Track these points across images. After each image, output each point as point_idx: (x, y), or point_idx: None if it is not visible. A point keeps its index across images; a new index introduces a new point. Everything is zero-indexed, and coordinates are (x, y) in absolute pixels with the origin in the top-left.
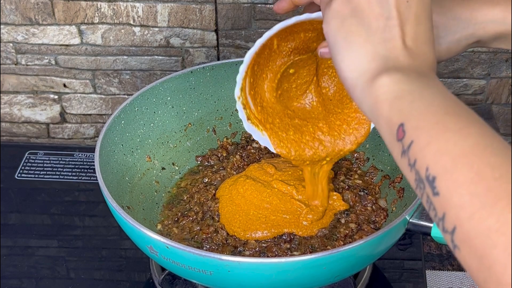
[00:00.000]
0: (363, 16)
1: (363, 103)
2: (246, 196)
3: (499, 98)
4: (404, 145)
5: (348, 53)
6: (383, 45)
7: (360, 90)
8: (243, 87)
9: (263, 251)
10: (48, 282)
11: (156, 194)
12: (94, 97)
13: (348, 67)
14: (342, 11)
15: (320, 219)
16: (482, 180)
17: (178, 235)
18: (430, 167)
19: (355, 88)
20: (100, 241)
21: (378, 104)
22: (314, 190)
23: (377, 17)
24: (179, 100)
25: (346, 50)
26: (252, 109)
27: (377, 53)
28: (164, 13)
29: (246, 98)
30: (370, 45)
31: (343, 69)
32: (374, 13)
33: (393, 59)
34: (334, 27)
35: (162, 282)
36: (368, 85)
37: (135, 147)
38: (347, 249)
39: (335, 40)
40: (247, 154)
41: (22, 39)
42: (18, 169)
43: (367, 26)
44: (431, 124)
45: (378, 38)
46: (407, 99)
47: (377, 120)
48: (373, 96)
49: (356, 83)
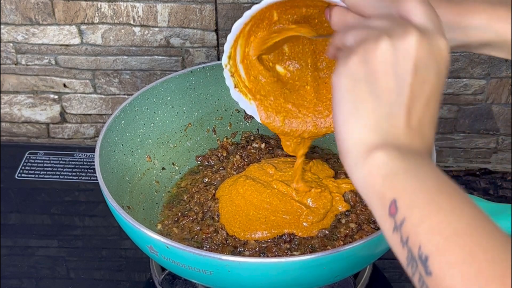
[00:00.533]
0: (376, 85)
1: (355, 172)
2: (246, 196)
3: (499, 98)
4: (396, 221)
5: (351, 118)
6: (388, 119)
7: (354, 158)
8: (232, 56)
9: (263, 251)
10: (48, 282)
11: (156, 194)
12: (94, 97)
13: (347, 132)
14: (357, 72)
15: (320, 220)
16: (474, 261)
17: (178, 235)
18: (423, 246)
19: (348, 154)
20: (100, 241)
21: (371, 177)
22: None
23: (390, 90)
24: (179, 100)
25: (350, 114)
26: (243, 78)
27: (379, 126)
28: (164, 13)
29: (236, 66)
30: (375, 116)
31: (342, 132)
32: (387, 86)
33: (394, 136)
34: (345, 86)
35: (162, 282)
36: (363, 156)
37: (135, 146)
38: (347, 249)
39: (341, 99)
40: (247, 154)
41: (22, 39)
42: (18, 169)
43: (377, 96)
44: (424, 203)
45: (384, 111)
46: (401, 177)
47: (367, 192)
48: (366, 168)
49: (351, 150)
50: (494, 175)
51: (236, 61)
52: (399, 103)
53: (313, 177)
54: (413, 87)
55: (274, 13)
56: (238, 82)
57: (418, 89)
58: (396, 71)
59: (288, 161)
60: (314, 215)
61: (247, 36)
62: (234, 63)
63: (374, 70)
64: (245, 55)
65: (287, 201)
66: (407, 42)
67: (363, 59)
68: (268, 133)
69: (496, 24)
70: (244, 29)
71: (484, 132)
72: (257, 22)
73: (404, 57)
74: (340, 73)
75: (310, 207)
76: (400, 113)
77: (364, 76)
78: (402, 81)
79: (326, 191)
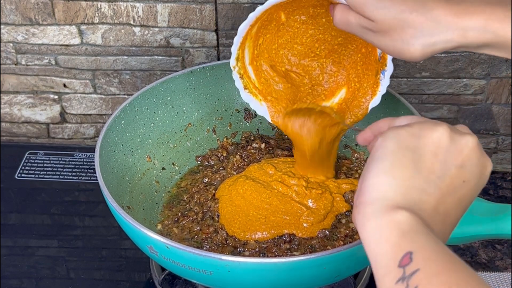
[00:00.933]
0: (421, 160)
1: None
2: (245, 196)
3: (499, 98)
4: (405, 271)
5: (385, 176)
6: (420, 193)
7: (374, 210)
8: (240, 58)
9: (263, 251)
10: (48, 282)
11: (156, 194)
12: (94, 97)
13: (376, 185)
14: (407, 141)
15: (321, 221)
16: None
17: (178, 235)
18: None
19: (369, 205)
20: (100, 241)
21: (388, 229)
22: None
23: (432, 171)
24: (179, 100)
25: (385, 172)
26: (253, 79)
27: (410, 195)
28: (164, 13)
29: (245, 68)
30: (409, 184)
31: (370, 184)
32: (431, 166)
33: (420, 209)
34: (390, 148)
35: (162, 282)
36: (385, 209)
37: (135, 147)
38: (347, 249)
39: (381, 156)
40: (247, 154)
41: (22, 39)
42: (18, 169)
43: (418, 169)
44: (442, 260)
45: (419, 184)
46: (422, 236)
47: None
48: (385, 220)
49: (374, 202)
50: (494, 175)
51: (245, 63)
52: (435, 186)
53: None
54: (454, 180)
55: (282, 14)
56: (247, 84)
57: (457, 184)
58: (445, 158)
59: (288, 160)
60: (314, 216)
61: (255, 38)
62: (243, 65)
63: (424, 146)
64: (254, 57)
65: (287, 201)
66: (464, 141)
67: (417, 134)
68: (268, 133)
69: (494, 25)
70: (251, 31)
71: (484, 132)
72: (265, 24)
73: (457, 150)
74: (389, 136)
75: (310, 208)
76: (433, 194)
77: (413, 148)
78: (447, 169)
79: (327, 192)
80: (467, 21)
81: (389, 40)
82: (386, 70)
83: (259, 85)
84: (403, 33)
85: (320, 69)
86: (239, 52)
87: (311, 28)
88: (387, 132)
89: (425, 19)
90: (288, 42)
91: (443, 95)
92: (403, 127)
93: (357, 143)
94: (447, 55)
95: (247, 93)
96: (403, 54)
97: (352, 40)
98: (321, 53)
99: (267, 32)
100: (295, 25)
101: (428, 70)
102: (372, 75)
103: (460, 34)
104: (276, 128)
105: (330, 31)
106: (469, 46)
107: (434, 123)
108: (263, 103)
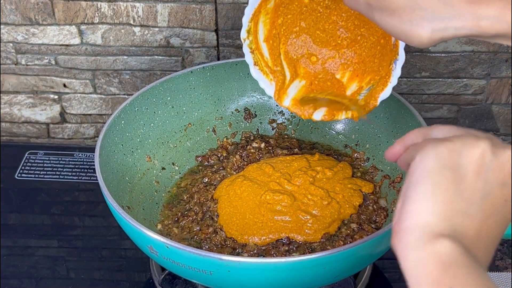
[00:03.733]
0: (463, 180)
1: (410, 253)
2: (243, 197)
3: (499, 98)
4: None
5: (425, 200)
6: (462, 217)
7: (414, 239)
8: (253, 31)
9: (261, 253)
10: (48, 282)
11: (156, 194)
12: (94, 97)
13: (415, 211)
14: (448, 159)
15: (327, 228)
16: None
17: (178, 235)
18: None
19: (407, 233)
20: (100, 241)
21: (429, 263)
22: None
23: (475, 191)
24: (179, 100)
25: (425, 196)
26: (266, 58)
27: (452, 220)
28: (164, 13)
29: (258, 43)
30: (451, 208)
31: (408, 210)
32: (474, 186)
33: (462, 235)
34: (430, 168)
35: (162, 282)
36: (426, 239)
37: (135, 147)
38: (347, 249)
39: (421, 178)
40: (247, 153)
41: (22, 39)
42: (18, 169)
43: (460, 190)
44: None
45: (462, 207)
46: (464, 270)
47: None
48: (427, 252)
49: (413, 230)
50: None
51: (258, 39)
52: (478, 208)
53: (320, 190)
54: (497, 200)
55: None
56: (259, 60)
57: (500, 204)
58: (487, 177)
59: (287, 159)
60: (319, 223)
61: (274, 15)
62: (256, 41)
63: (466, 165)
64: (271, 35)
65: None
66: (507, 155)
67: (459, 150)
68: (268, 133)
69: (509, 15)
70: (265, 4)
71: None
72: (286, 2)
73: (499, 167)
74: (428, 154)
75: (315, 216)
76: (476, 217)
77: (454, 166)
78: (490, 188)
79: (334, 201)
80: (483, 9)
81: (397, 22)
82: (398, 59)
83: (273, 65)
84: (413, 14)
85: (339, 58)
86: (250, 25)
87: (334, 14)
88: (425, 149)
89: (437, 2)
90: (310, 27)
91: (443, 95)
92: (442, 143)
93: (357, 142)
94: (447, 55)
95: (257, 70)
96: (410, 37)
97: (374, 32)
98: (342, 43)
99: (288, 12)
100: (318, 8)
101: (428, 70)
102: (386, 66)
103: (474, 22)
104: (276, 128)
105: (353, 20)
106: (483, 36)
107: (476, 137)
108: (273, 83)
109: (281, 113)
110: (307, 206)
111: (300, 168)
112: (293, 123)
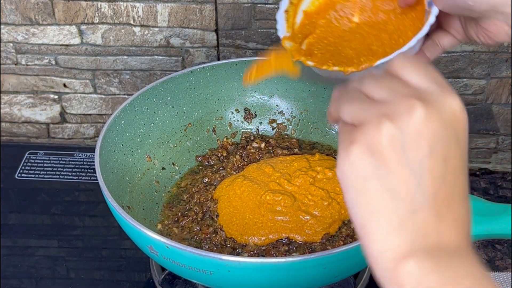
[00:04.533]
0: (389, 179)
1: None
2: (243, 197)
3: (499, 98)
4: None
5: (369, 225)
6: (412, 218)
7: (382, 269)
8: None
9: (261, 253)
10: (48, 282)
11: (156, 194)
12: (94, 97)
13: (369, 240)
14: (363, 167)
15: (327, 228)
16: None
17: (178, 235)
18: None
19: (375, 264)
20: (100, 241)
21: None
22: None
23: (407, 182)
24: (179, 100)
25: (367, 221)
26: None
27: (404, 229)
28: (164, 13)
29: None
30: (396, 217)
31: (363, 239)
32: (403, 178)
33: (422, 236)
34: (352, 187)
35: (162, 282)
36: (392, 265)
37: (135, 146)
38: (347, 249)
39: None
40: (247, 153)
41: (22, 39)
42: (18, 169)
43: (394, 192)
44: None
45: (406, 209)
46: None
47: None
48: (397, 280)
49: (377, 261)
50: (494, 175)
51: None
52: (421, 195)
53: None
54: (434, 170)
55: None
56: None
57: (440, 170)
58: (409, 158)
59: (287, 160)
60: (320, 223)
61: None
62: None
63: (383, 161)
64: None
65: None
66: (414, 119)
67: (367, 151)
68: (268, 133)
69: None
70: None
71: (484, 132)
72: None
73: (414, 139)
74: (344, 169)
75: (316, 216)
76: (425, 206)
77: (372, 171)
78: (419, 167)
79: (334, 202)
80: None
81: None
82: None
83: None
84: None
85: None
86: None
87: None
88: (340, 162)
89: None
90: None
91: None
92: (350, 149)
93: None
94: (447, 55)
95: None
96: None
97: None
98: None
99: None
100: None
101: None
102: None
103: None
104: (276, 128)
105: None
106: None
107: (376, 121)
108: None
109: (281, 113)
110: (308, 207)
111: (300, 168)
112: (293, 123)
